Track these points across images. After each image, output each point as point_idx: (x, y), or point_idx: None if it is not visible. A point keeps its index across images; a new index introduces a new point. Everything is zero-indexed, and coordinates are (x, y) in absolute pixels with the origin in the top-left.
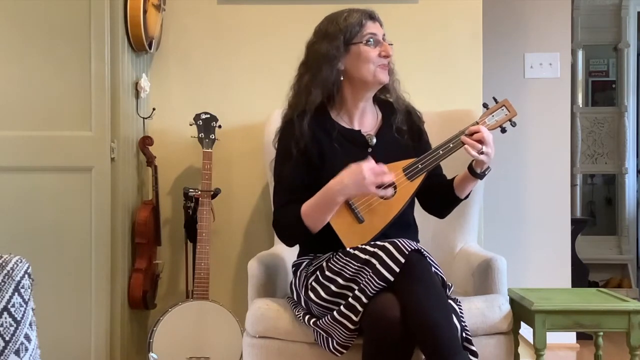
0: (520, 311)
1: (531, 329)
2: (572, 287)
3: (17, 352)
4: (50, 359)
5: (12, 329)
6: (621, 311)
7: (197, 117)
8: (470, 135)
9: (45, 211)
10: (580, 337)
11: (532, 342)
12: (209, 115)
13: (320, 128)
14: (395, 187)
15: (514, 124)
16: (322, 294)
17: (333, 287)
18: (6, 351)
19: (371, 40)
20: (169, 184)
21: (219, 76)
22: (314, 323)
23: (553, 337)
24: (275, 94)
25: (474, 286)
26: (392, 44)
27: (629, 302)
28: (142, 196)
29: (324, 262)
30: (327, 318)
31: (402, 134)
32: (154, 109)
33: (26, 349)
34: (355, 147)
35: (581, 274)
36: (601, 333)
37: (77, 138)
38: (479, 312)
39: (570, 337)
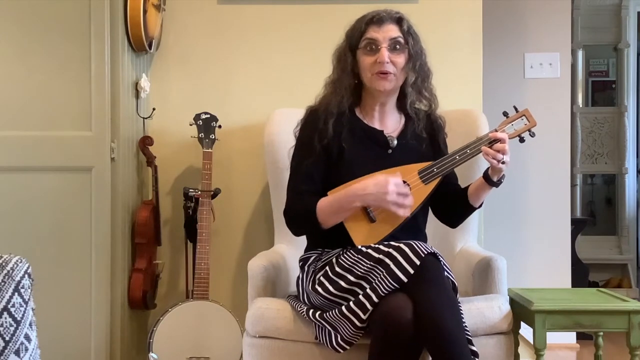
0: (520, 311)
1: (531, 329)
2: (572, 287)
3: (17, 352)
4: (50, 359)
5: (12, 329)
6: (621, 311)
7: (197, 117)
8: (491, 142)
9: (45, 211)
10: (580, 337)
11: (532, 342)
12: (209, 115)
13: (343, 123)
14: (409, 189)
15: (533, 134)
16: (331, 289)
17: (342, 283)
18: (6, 351)
19: (369, 46)
20: (169, 184)
21: (219, 76)
22: (320, 316)
23: (553, 337)
24: (275, 94)
25: (474, 286)
26: (402, 46)
27: (629, 302)
28: (142, 196)
29: (334, 258)
30: (335, 312)
31: (422, 140)
32: (154, 109)
33: (26, 349)
34: (376, 146)
35: (581, 274)
36: (601, 333)
37: (77, 138)
38: (479, 312)
39: (570, 337)
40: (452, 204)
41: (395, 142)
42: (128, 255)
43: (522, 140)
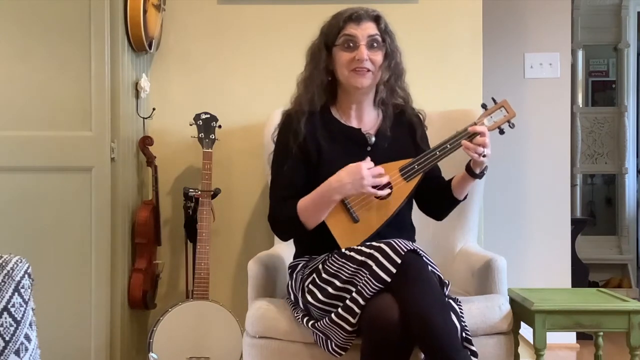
0: (521, 311)
1: (531, 329)
2: (572, 287)
3: (17, 352)
4: (50, 359)
5: (12, 329)
6: (621, 311)
7: (197, 117)
8: (470, 136)
9: (45, 211)
10: (580, 337)
11: (532, 342)
12: (209, 115)
13: (320, 124)
14: (391, 187)
15: (512, 126)
16: (320, 296)
17: (330, 290)
18: (6, 351)
19: (347, 43)
20: (169, 184)
21: (219, 76)
22: (312, 325)
23: (553, 337)
24: (275, 94)
25: (474, 286)
26: (380, 44)
27: (629, 302)
28: (142, 196)
29: (320, 264)
30: (325, 320)
31: (401, 136)
32: (154, 109)
33: (26, 349)
34: (354, 144)
35: (581, 274)
36: (601, 333)
37: (77, 138)
38: (479, 312)
39: (570, 337)
40: (437, 197)
41: (374, 139)
42: (128, 255)
43: (501, 132)
